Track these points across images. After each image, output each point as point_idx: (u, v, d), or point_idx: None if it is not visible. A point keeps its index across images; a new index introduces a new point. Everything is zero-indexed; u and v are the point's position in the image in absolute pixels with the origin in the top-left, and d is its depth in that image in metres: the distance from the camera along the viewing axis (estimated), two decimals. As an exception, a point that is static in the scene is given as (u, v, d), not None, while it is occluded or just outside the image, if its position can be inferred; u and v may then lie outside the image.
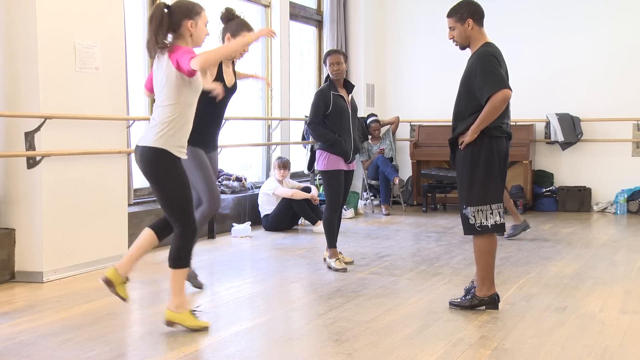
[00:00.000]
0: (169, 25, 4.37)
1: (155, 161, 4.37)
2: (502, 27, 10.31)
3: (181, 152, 4.42)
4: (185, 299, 4.53)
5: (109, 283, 4.52)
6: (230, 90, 5.51)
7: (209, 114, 5.36)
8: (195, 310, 4.57)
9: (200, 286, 5.61)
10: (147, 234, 4.58)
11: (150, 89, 4.67)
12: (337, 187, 6.49)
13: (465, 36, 4.95)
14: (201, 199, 5.38)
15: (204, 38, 4.51)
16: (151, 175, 4.42)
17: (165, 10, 4.38)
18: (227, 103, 5.55)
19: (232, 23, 5.46)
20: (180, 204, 4.42)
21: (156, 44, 4.34)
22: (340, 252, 6.66)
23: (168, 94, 4.36)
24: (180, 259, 4.46)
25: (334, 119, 6.46)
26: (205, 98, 4.92)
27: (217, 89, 4.89)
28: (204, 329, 4.47)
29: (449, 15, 4.99)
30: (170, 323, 4.47)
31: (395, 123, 11.41)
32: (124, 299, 4.60)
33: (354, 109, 6.67)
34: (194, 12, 4.43)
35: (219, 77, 5.39)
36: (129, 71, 7.04)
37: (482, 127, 4.80)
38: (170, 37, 4.40)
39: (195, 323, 4.46)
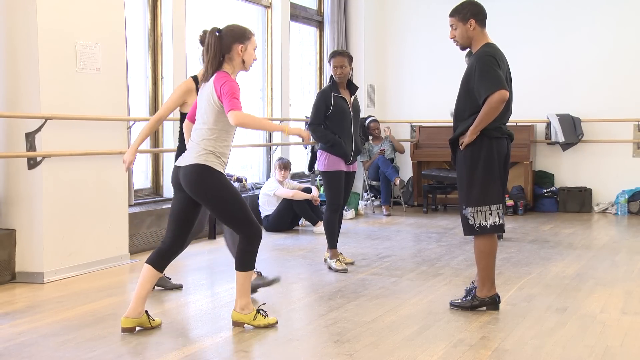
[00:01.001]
0: (221, 50, 4.43)
1: (198, 177, 4.38)
2: (503, 28, 10.30)
3: (221, 166, 4.45)
4: (250, 299, 4.58)
5: (130, 330, 4.47)
6: None
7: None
8: (261, 309, 4.59)
9: (178, 287, 5.65)
10: (146, 270, 4.53)
11: (192, 119, 4.66)
12: (338, 187, 6.48)
13: (467, 36, 4.95)
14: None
15: (252, 63, 4.55)
16: (198, 192, 4.41)
17: (217, 34, 4.44)
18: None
19: None
20: (234, 211, 4.44)
21: (212, 72, 4.41)
22: (341, 253, 6.66)
23: (207, 119, 4.41)
24: (246, 262, 4.53)
25: (334, 120, 6.46)
26: None
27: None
28: (272, 326, 4.55)
29: (452, 14, 4.98)
30: (237, 324, 4.55)
31: (399, 148, 11.23)
32: (157, 325, 4.57)
33: (356, 110, 6.64)
34: (245, 36, 4.47)
35: None
36: (129, 72, 7.05)
37: (480, 128, 4.80)
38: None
39: (263, 321, 4.54)
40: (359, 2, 11.51)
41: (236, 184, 9.01)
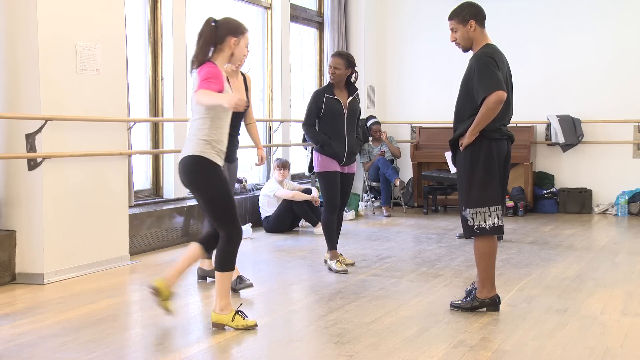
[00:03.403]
0: (214, 40, 4.45)
1: (194, 168, 4.42)
2: (503, 29, 10.29)
3: (219, 158, 4.47)
4: (230, 300, 4.57)
5: (157, 293, 4.53)
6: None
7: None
8: (240, 310, 4.58)
9: (249, 285, 5.60)
10: (194, 248, 4.65)
11: None
12: (332, 188, 6.47)
13: (468, 38, 4.94)
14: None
15: (243, 58, 4.59)
16: (192, 183, 4.47)
17: (213, 24, 4.46)
18: (242, 117, 5.72)
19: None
20: (223, 208, 4.47)
21: (201, 60, 4.41)
22: (341, 254, 6.66)
23: (198, 109, 4.43)
24: (226, 262, 4.54)
25: (326, 121, 6.46)
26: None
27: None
28: (252, 328, 4.52)
29: (451, 17, 4.97)
30: (216, 325, 4.54)
31: (395, 153, 11.21)
32: (171, 313, 4.63)
33: (354, 112, 6.58)
34: (239, 31, 4.51)
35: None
36: (129, 73, 7.04)
37: (478, 129, 4.80)
38: (211, 50, 4.47)
39: (241, 323, 4.52)
40: (359, 3, 11.51)
41: (236, 185, 9.01)
